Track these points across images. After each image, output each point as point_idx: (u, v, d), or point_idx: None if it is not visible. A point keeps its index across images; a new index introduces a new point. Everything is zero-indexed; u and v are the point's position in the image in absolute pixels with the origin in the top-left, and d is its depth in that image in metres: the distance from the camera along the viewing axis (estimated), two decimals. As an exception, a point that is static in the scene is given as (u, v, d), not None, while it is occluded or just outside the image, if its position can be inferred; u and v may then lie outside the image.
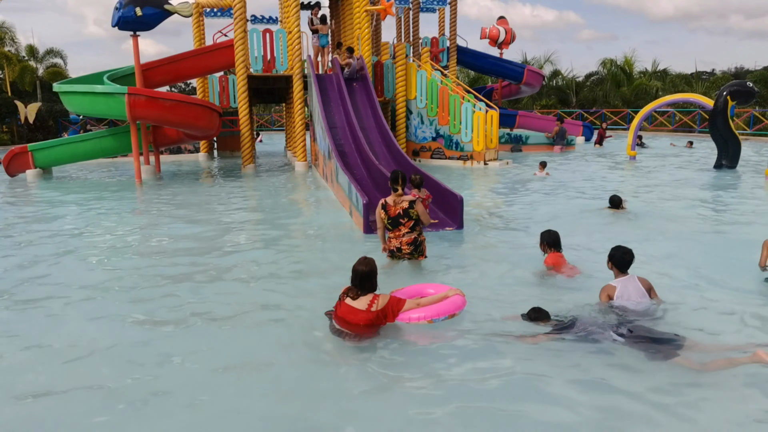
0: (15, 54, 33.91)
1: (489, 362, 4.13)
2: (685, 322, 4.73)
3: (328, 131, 13.45)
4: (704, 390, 3.73)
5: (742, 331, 4.65)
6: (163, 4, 14.44)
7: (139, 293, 5.87)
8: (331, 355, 4.36)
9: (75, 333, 4.88)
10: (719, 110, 14.96)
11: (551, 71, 37.85)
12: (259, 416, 3.57)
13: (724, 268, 6.31)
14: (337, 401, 3.69)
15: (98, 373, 4.13)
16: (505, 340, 4.44)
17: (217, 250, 7.61)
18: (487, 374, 3.96)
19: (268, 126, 38.07)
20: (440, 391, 3.77)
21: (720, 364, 3.95)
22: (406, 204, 6.42)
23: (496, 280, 6.07)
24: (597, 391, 3.72)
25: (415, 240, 6.49)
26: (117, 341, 4.66)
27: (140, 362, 4.28)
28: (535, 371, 3.97)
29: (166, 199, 11.99)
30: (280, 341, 4.61)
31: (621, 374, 3.91)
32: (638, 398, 3.62)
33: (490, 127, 16.55)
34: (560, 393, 3.70)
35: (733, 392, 3.71)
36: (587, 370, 3.99)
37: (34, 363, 4.34)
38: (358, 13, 16.99)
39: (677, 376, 3.86)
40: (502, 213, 9.87)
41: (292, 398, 3.74)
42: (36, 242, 8.24)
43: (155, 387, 3.91)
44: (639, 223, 8.71)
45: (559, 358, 4.13)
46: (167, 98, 14.36)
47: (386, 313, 4.62)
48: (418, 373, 4.00)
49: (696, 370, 3.91)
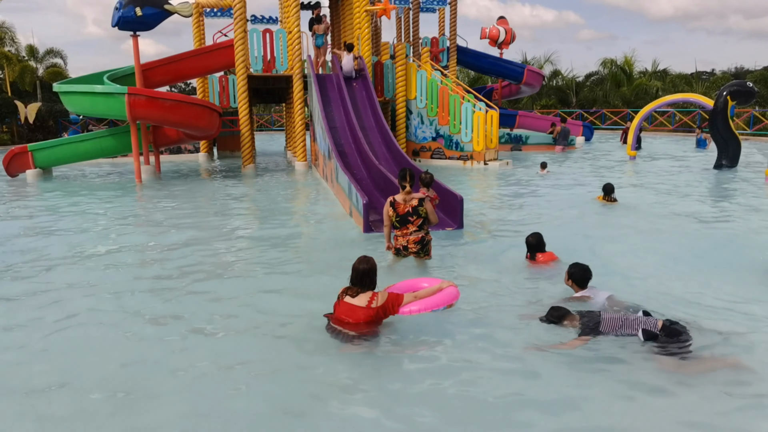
0: (15, 54, 33.91)
1: (552, 389, 3.79)
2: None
3: (328, 131, 13.45)
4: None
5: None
6: (163, 4, 14.44)
7: (139, 293, 5.86)
8: (328, 355, 4.36)
9: (74, 333, 4.88)
10: (719, 110, 14.96)
11: (551, 71, 37.87)
12: (258, 416, 3.57)
13: (719, 266, 6.32)
14: (335, 401, 3.69)
15: (94, 374, 4.13)
16: (540, 355, 4.23)
17: (216, 249, 7.61)
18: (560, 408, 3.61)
19: (268, 126, 38.06)
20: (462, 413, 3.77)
21: (698, 368, 3.96)
22: (416, 202, 6.37)
23: (498, 279, 6.07)
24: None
25: (423, 239, 6.46)
26: (115, 341, 4.66)
27: (139, 361, 4.28)
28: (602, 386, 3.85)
29: (165, 199, 11.99)
30: (280, 341, 4.61)
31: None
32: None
33: (490, 127, 16.55)
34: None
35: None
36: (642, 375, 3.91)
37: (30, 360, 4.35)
38: (358, 13, 17.00)
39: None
40: (503, 212, 9.87)
41: (293, 398, 3.75)
42: (36, 242, 8.23)
43: (156, 388, 3.91)
44: (637, 223, 8.72)
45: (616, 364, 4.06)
46: (167, 98, 14.36)
47: (386, 309, 4.63)
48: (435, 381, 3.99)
49: (673, 372, 3.92)
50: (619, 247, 7.32)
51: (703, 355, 4.13)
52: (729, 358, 4.12)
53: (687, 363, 4.03)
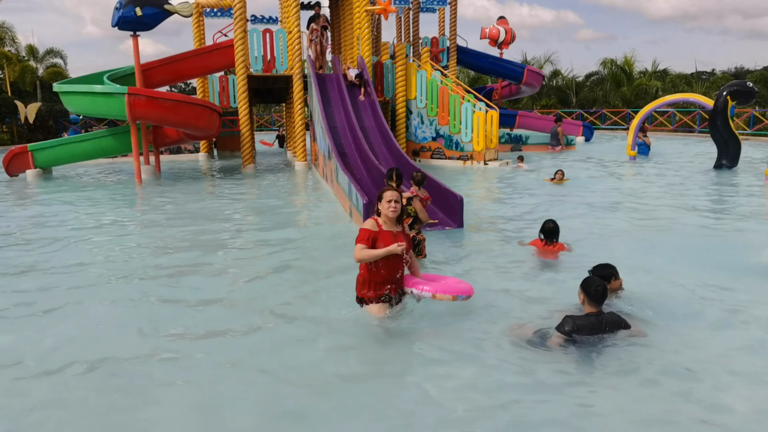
0: (15, 54, 33.93)
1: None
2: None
3: (328, 131, 13.44)
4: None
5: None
6: (163, 4, 14.44)
7: (139, 293, 5.86)
8: (331, 353, 4.36)
9: (73, 334, 4.88)
10: (719, 110, 14.95)
11: (551, 71, 37.87)
12: (258, 416, 3.57)
13: (718, 266, 6.31)
14: (338, 397, 3.70)
15: (91, 376, 4.13)
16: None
17: (216, 249, 7.61)
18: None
19: (268, 126, 38.05)
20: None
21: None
22: (404, 201, 6.35)
23: (499, 279, 6.07)
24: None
25: (414, 239, 6.41)
26: (114, 342, 4.66)
27: (139, 362, 4.28)
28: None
29: (166, 199, 11.99)
30: (280, 341, 4.60)
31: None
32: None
33: (490, 127, 16.55)
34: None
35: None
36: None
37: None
38: (358, 13, 17.00)
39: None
40: (503, 212, 9.87)
41: (293, 399, 3.75)
42: (36, 242, 8.23)
43: (155, 390, 3.91)
44: (636, 223, 8.71)
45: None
46: (167, 98, 14.36)
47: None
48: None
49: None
50: (618, 246, 7.32)
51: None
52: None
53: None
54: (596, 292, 4.33)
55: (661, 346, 4.28)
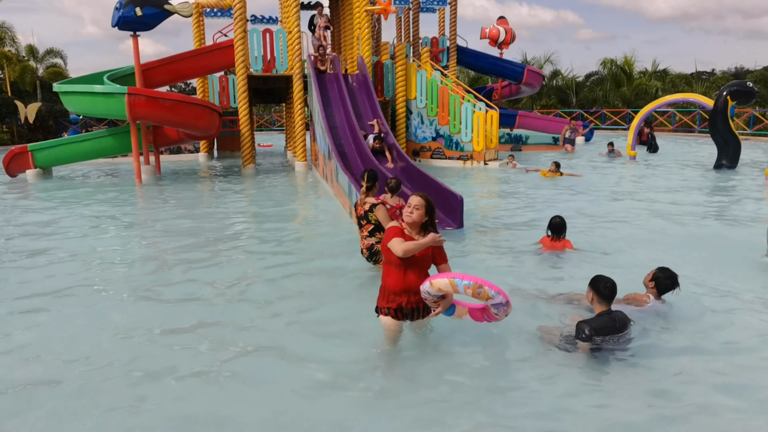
0: (15, 54, 33.91)
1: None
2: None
3: (328, 131, 13.44)
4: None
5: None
6: (163, 4, 14.43)
7: (139, 293, 5.87)
8: (326, 353, 4.36)
9: (72, 334, 4.88)
10: (719, 110, 14.95)
11: (551, 71, 37.86)
12: (259, 418, 3.57)
13: (717, 266, 6.31)
14: (339, 400, 3.70)
15: (89, 374, 4.13)
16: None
17: (216, 249, 7.61)
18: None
19: (269, 126, 38.05)
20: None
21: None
22: (367, 206, 6.07)
23: (501, 278, 6.05)
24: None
25: (371, 247, 6.08)
26: (113, 341, 4.66)
27: (138, 361, 4.28)
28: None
29: (166, 199, 11.99)
30: (279, 341, 4.60)
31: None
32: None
33: (490, 127, 16.55)
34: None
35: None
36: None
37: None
38: (358, 13, 16.99)
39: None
40: (503, 212, 9.86)
41: (293, 397, 3.75)
42: (35, 242, 8.23)
43: (157, 392, 3.91)
44: (635, 223, 8.71)
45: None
46: (167, 98, 14.36)
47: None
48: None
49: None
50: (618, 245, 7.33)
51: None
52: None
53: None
54: (605, 289, 4.35)
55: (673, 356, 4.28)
